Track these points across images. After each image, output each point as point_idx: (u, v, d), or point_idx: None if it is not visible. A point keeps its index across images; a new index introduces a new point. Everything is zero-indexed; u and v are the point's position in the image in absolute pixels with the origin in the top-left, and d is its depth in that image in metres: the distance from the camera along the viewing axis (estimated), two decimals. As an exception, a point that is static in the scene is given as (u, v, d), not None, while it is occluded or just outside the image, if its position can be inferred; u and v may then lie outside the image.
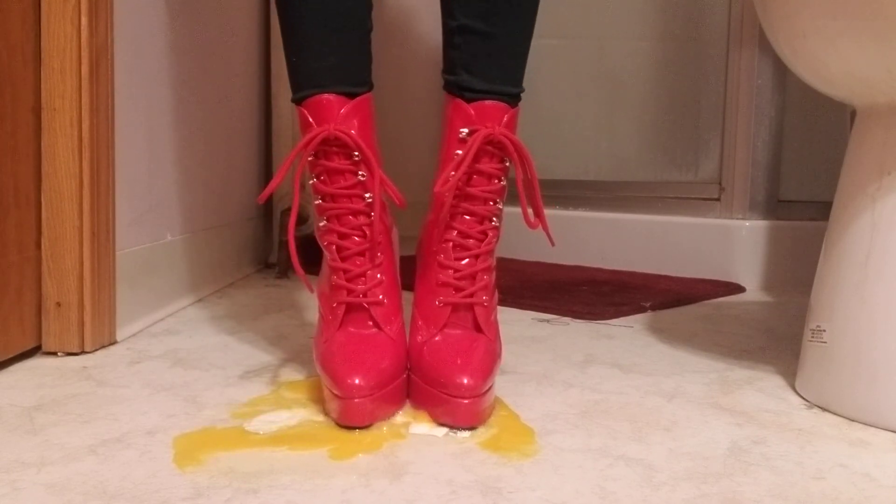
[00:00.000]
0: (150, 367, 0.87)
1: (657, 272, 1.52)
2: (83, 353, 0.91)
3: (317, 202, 0.77)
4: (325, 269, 0.79)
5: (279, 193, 1.56)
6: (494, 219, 0.77)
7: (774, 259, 1.48)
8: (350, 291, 0.75)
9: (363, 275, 0.75)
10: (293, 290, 1.35)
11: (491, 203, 0.77)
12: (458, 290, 0.76)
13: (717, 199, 1.52)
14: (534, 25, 0.80)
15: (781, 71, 1.47)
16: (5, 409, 0.72)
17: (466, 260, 0.76)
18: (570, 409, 0.75)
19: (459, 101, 0.77)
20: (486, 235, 0.77)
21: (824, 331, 0.77)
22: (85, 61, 0.89)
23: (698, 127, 1.58)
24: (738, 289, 1.42)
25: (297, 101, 0.77)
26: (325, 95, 0.75)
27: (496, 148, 0.75)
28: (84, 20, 0.88)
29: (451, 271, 0.76)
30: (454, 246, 0.77)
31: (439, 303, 0.75)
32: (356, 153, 0.75)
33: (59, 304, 0.90)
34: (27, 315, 0.88)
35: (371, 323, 0.74)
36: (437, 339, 0.74)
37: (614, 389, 0.81)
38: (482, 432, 0.68)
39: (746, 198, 1.50)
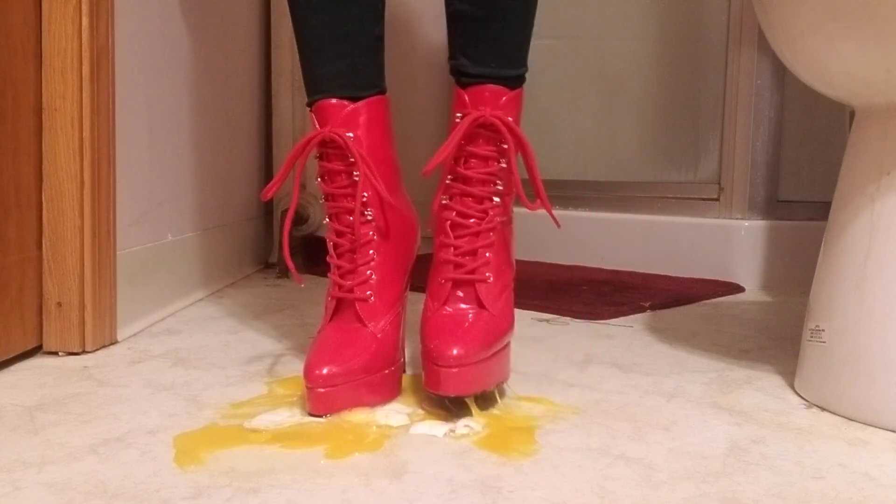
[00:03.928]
0: (151, 367, 0.87)
1: (656, 272, 1.52)
2: (84, 352, 0.92)
3: (322, 201, 0.80)
4: None
5: (280, 194, 1.56)
6: (496, 198, 0.77)
7: (773, 259, 1.48)
8: (340, 287, 0.77)
9: (353, 271, 0.77)
10: (293, 290, 1.35)
11: (491, 185, 0.76)
12: (458, 266, 0.76)
13: (717, 199, 1.52)
14: (532, 4, 0.79)
15: (780, 71, 1.47)
16: (6, 409, 0.72)
17: (466, 237, 0.76)
18: (569, 409, 0.75)
19: (457, 86, 0.78)
20: (487, 214, 0.77)
21: (823, 330, 0.77)
22: (86, 61, 0.89)
23: (697, 127, 1.58)
24: (738, 289, 1.42)
25: (308, 105, 0.80)
26: (329, 100, 0.78)
27: (490, 131, 0.75)
28: (85, 20, 0.88)
29: (451, 249, 0.77)
30: (452, 224, 0.77)
31: (442, 280, 0.76)
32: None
33: (59, 304, 0.91)
34: (28, 315, 0.89)
35: (355, 318, 0.76)
36: (437, 314, 0.75)
37: (614, 389, 0.82)
38: (482, 432, 0.68)
39: (745, 198, 1.50)
